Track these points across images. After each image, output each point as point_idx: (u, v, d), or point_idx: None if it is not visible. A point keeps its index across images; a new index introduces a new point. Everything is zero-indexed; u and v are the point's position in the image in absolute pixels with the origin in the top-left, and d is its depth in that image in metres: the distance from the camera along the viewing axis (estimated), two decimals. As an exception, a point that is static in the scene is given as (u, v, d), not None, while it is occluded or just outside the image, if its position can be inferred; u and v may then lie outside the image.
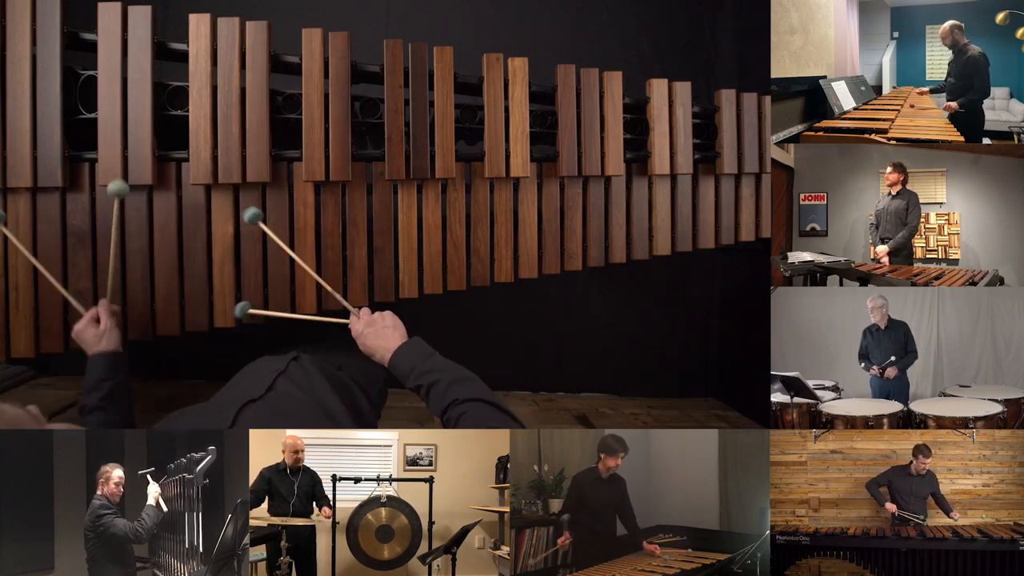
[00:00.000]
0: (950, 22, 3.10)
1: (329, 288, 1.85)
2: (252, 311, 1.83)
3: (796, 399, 2.58)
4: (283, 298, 2.08)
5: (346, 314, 1.74)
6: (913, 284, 2.81)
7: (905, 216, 3.09)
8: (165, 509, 1.92)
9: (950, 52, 3.14)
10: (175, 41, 2.01)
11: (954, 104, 3.07)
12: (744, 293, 3.21)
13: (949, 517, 2.42)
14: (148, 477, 1.95)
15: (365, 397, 1.97)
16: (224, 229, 2.04)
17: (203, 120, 1.99)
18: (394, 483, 2.66)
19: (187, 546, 1.85)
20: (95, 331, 1.83)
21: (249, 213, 1.85)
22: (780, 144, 3.11)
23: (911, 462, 2.44)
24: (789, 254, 3.00)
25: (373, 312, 1.70)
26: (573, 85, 2.29)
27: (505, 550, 2.63)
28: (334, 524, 2.44)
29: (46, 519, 2.16)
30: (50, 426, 1.47)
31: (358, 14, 3.08)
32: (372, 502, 2.63)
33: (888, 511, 2.42)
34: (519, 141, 2.22)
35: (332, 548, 2.43)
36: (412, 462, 2.90)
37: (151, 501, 1.92)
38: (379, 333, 1.62)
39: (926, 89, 3.24)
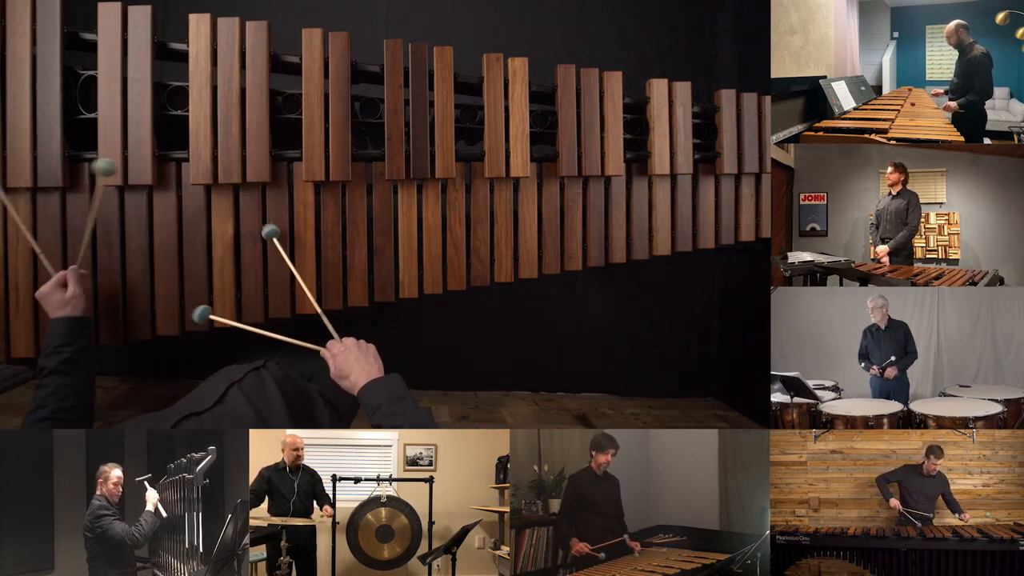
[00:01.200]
0: (955, 21, 3.10)
1: (325, 319, 1.83)
2: (214, 317, 1.81)
3: (796, 399, 2.58)
4: (283, 298, 2.08)
5: (322, 340, 1.73)
6: (913, 284, 2.81)
7: (905, 216, 3.09)
8: (164, 515, 1.92)
9: (954, 51, 3.14)
10: (175, 41, 2.01)
11: (953, 104, 3.07)
12: (744, 293, 3.21)
13: (958, 518, 2.41)
14: (146, 484, 1.94)
15: (332, 412, 1.97)
16: (224, 229, 2.04)
17: (203, 120, 1.99)
18: (394, 483, 2.66)
19: (187, 546, 1.85)
20: (60, 296, 1.78)
21: (267, 229, 1.92)
22: (780, 144, 3.11)
23: (923, 462, 2.44)
24: (789, 254, 3.00)
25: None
26: (573, 85, 2.29)
27: (505, 550, 2.63)
28: (334, 524, 2.44)
29: (46, 519, 2.15)
30: None
31: (358, 14, 3.08)
32: (372, 502, 2.63)
33: (893, 507, 2.42)
34: (519, 141, 2.22)
35: (332, 548, 2.43)
36: (412, 462, 2.90)
37: (149, 507, 1.92)
38: (356, 359, 1.60)
39: (940, 90, 3.23)
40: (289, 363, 2.02)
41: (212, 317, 1.81)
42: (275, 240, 1.95)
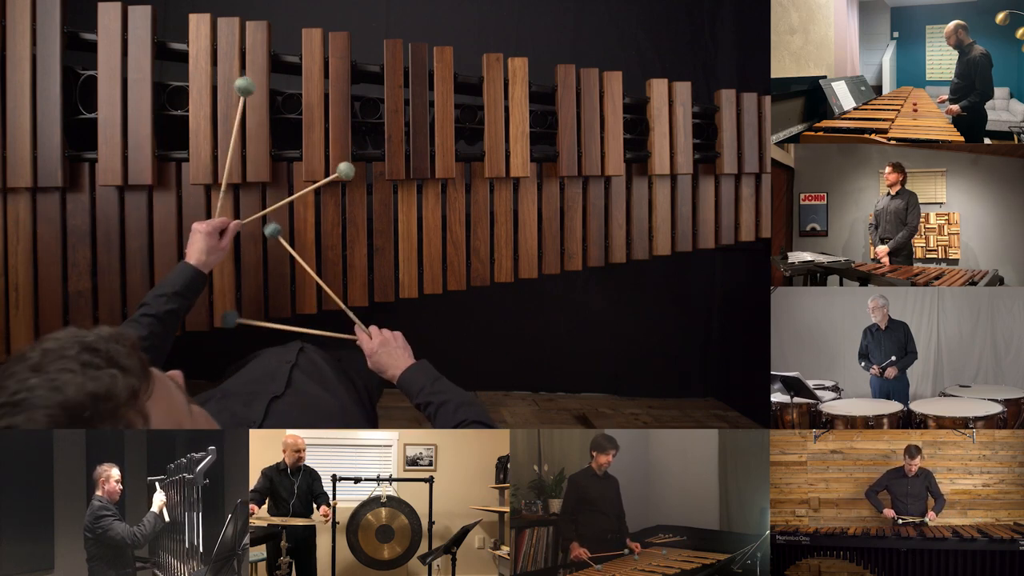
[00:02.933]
0: (954, 22, 3.10)
1: (353, 315, 1.86)
2: (244, 321, 1.86)
3: (796, 399, 2.58)
4: (283, 297, 2.08)
5: (349, 328, 1.78)
6: (913, 284, 2.81)
7: (905, 216, 3.09)
8: (167, 519, 1.92)
9: (954, 51, 3.14)
10: (175, 41, 2.01)
11: (956, 108, 3.07)
12: (744, 293, 3.21)
13: (931, 510, 2.42)
14: (156, 485, 1.94)
15: (366, 390, 1.97)
16: (224, 229, 2.04)
17: (203, 120, 1.99)
18: (394, 483, 2.66)
19: (187, 546, 1.85)
20: (211, 242, 1.77)
21: (270, 228, 1.89)
22: (780, 144, 3.11)
23: (903, 464, 2.45)
24: (789, 254, 3.00)
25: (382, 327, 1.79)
26: (573, 85, 2.29)
27: (505, 550, 2.63)
28: (334, 524, 2.43)
29: (46, 519, 2.16)
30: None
31: (358, 14, 3.09)
32: (372, 502, 2.63)
33: (887, 517, 2.42)
34: (519, 141, 2.22)
35: (332, 548, 2.43)
36: (412, 462, 2.90)
37: (155, 509, 1.92)
38: (392, 352, 1.74)
39: (943, 96, 3.23)
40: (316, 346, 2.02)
41: (240, 320, 1.87)
42: (280, 238, 1.95)
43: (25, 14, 1.90)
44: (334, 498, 2.45)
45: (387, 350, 1.74)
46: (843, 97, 3.29)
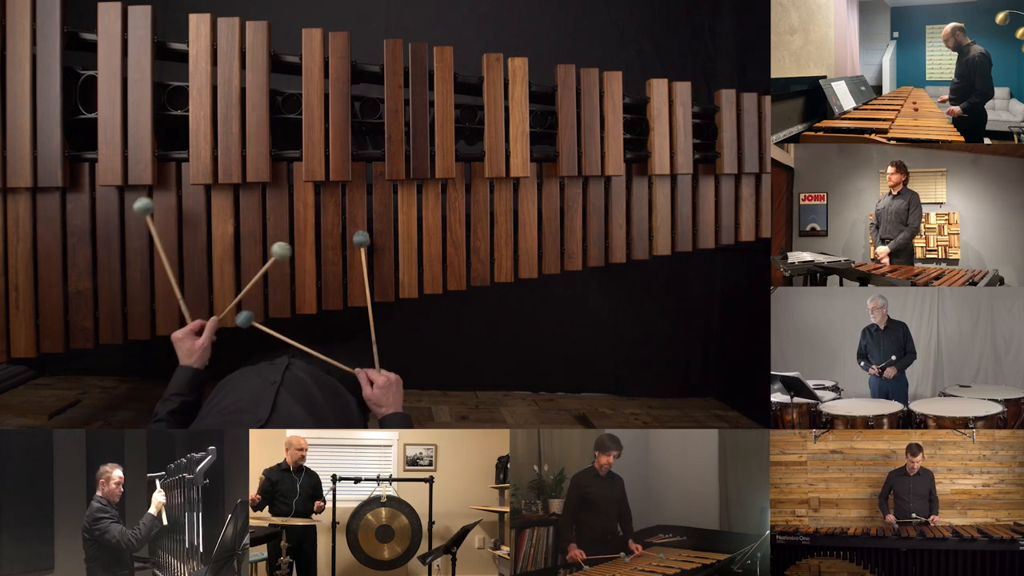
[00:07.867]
0: (951, 24, 3.10)
1: (375, 349, 1.96)
2: (256, 324, 1.91)
3: (796, 399, 2.58)
4: (283, 297, 2.08)
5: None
6: (913, 284, 2.81)
7: (906, 216, 3.09)
8: (165, 522, 1.92)
9: (953, 52, 3.14)
10: (175, 41, 2.01)
11: (957, 109, 3.07)
12: (744, 293, 3.21)
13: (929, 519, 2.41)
14: (157, 483, 1.94)
15: (356, 401, 1.98)
16: (224, 229, 2.04)
17: (203, 120, 1.99)
18: (394, 483, 2.66)
19: (187, 546, 1.86)
20: (191, 344, 1.88)
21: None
22: (780, 144, 3.11)
23: (905, 463, 2.45)
24: (789, 254, 3.00)
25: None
26: (573, 85, 2.29)
27: (505, 550, 2.63)
28: (334, 524, 2.43)
29: (46, 519, 2.16)
30: None
31: (358, 14, 3.08)
32: (372, 502, 2.63)
33: (889, 522, 2.41)
34: (519, 141, 2.22)
35: (332, 548, 2.43)
36: (412, 462, 2.90)
37: (152, 510, 1.91)
38: (395, 395, 1.93)
39: (944, 97, 3.23)
40: (305, 359, 2.03)
41: (254, 324, 1.92)
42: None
43: (25, 14, 1.90)
44: (334, 498, 2.45)
45: (392, 392, 1.91)
46: (843, 97, 3.30)
